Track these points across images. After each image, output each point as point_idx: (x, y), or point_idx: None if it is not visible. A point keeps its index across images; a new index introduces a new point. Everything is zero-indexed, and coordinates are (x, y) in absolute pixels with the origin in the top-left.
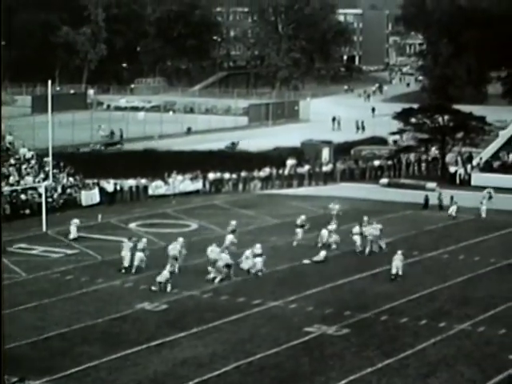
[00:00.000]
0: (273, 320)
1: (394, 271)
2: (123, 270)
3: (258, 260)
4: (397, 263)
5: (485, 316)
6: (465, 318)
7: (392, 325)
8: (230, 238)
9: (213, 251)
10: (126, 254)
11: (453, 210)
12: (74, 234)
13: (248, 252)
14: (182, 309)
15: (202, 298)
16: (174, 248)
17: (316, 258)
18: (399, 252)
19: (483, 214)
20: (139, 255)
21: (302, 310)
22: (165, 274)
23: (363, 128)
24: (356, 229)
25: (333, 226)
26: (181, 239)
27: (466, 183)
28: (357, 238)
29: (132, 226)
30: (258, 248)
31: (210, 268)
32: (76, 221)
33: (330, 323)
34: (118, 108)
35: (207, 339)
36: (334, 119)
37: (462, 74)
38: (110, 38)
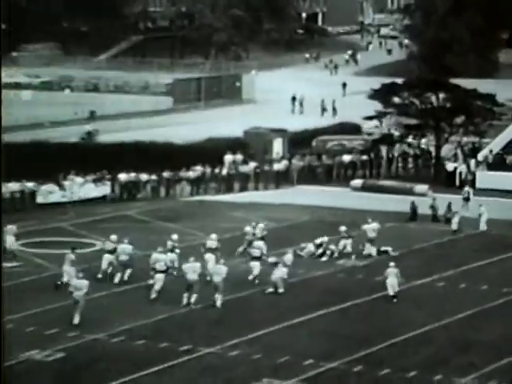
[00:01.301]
0: (207, 372)
1: (391, 292)
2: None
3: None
4: (392, 281)
5: (495, 366)
6: (468, 368)
7: (369, 378)
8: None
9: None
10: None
11: (455, 222)
12: None
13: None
14: (83, 358)
15: (111, 343)
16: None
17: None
18: (392, 264)
19: (482, 227)
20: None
21: (246, 359)
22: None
23: (334, 110)
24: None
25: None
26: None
27: (468, 185)
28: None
29: (12, 245)
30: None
31: None
32: None
33: (284, 376)
34: None
35: None
36: (294, 99)
37: (463, 36)
38: None
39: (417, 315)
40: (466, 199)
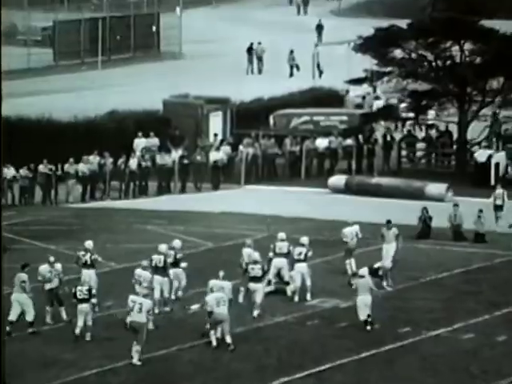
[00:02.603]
0: None
1: (362, 317)
2: None
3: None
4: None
5: None
6: None
7: None
8: None
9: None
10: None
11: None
12: None
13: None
14: None
15: None
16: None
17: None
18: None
19: None
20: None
21: None
22: None
23: (318, 68)
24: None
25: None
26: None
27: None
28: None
29: None
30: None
31: None
32: None
33: None
34: None
35: None
36: (250, 50)
37: None
38: None
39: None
40: (499, 207)
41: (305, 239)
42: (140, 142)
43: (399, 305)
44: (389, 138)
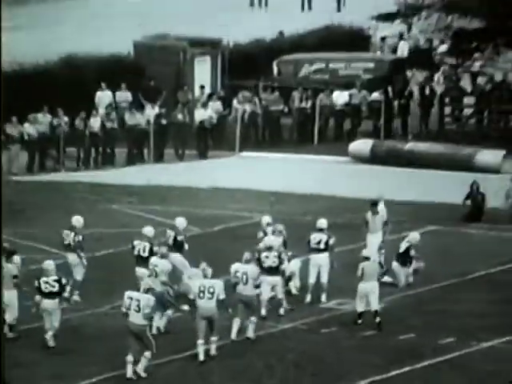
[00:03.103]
0: None
1: (359, 308)
2: None
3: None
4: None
5: None
6: None
7: None
8: None
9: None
10: None
11: None
12: None
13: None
14: None
15: None
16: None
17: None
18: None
19: None
20: None
21: None
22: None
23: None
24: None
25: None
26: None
27: None
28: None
29: None
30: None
31: None
32: None
33: None
34: None
35: None
36: None
37: None
38: None
39: None
40: None
41: (323, 222)
42: (104, 96)
43: (440, 308)
44: (428, 92)
